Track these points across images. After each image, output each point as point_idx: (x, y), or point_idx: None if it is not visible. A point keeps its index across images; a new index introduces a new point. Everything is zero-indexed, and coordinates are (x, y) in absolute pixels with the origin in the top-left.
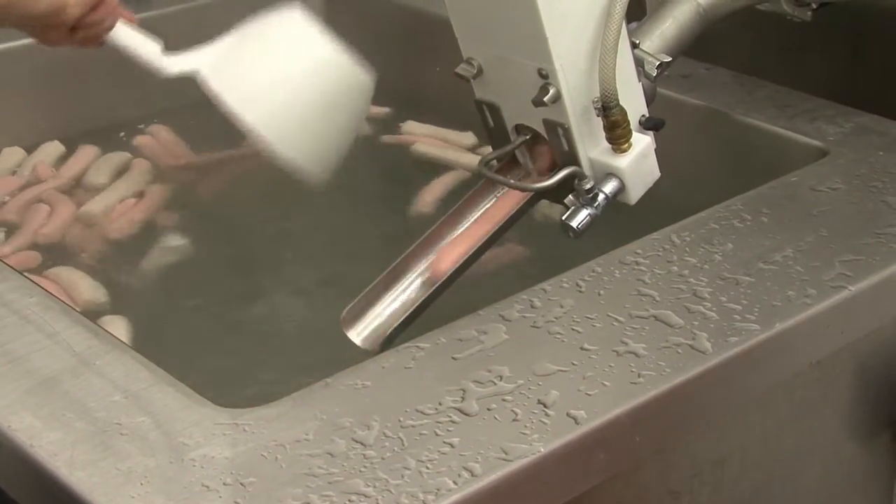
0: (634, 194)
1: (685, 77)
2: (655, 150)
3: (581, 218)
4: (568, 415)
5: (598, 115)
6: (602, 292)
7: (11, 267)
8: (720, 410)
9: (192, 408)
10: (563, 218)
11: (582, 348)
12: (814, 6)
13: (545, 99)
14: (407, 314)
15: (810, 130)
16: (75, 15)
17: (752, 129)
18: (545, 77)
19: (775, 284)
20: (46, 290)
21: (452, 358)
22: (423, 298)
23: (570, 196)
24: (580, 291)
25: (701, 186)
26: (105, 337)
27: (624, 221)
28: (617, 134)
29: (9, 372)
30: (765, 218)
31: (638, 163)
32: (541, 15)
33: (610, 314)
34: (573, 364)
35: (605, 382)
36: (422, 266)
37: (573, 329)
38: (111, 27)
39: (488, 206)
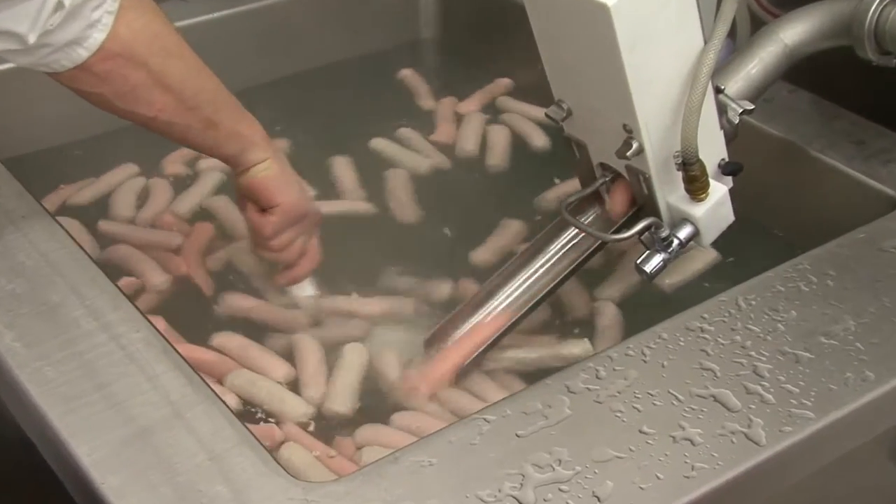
0: (707, 238)
1: (768, 101)
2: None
3: (655, 263)
4: None
5: (678, 169)
6: (665, 363)
7: (126, 296)
8: (770, 495)
9: (267, 477)
10: (638, 262)
11: (640, 431)
12: None
13: (628, 154)
14: (486, 344)
15: (884, 175)
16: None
17: (827, 169)
18: (629, 132)
19: (834, 364)
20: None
21: (516, 435)
22: (502, 329)
23: (644, 238)
24: (644, 361)
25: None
26: (198, 385)
27: None
28: (695, 186)
29: (110, 419)
30: (830, 281)
31: (713, 211)
32: (628, 79)
33: (671, 391)
34: (630, 450)
35: (659, 475)
36: (501, 297)
37: (634, 407)
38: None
39: (567, 242)
